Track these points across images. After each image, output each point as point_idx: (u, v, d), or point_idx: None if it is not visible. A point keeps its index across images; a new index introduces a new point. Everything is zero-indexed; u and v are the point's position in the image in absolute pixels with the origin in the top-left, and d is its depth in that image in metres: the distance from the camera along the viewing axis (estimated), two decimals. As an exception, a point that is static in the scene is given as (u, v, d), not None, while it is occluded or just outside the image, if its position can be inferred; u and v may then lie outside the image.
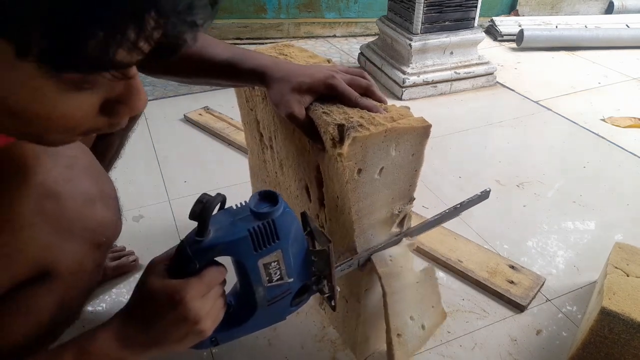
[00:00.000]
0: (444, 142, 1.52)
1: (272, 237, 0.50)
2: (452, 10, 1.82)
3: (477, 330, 0.87)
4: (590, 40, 2.40)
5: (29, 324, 0.50)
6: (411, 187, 0.67)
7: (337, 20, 2.62)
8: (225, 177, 1.29)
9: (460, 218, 1.16)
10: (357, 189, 0.60)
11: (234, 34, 2.46)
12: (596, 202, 1.24)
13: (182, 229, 1.11)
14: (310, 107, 0.62)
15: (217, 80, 0.70)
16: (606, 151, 1.49)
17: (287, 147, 0.77)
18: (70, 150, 0.51)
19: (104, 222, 0.52)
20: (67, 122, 0.39)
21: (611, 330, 0.72)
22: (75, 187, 0.50)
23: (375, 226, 0.67)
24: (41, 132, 0.39)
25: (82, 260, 0.51)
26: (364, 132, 0.56)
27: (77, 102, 0.38)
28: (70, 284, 0.51)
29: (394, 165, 0.62)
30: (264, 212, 0.50)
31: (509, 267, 0.99)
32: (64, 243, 0.49)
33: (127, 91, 0.41)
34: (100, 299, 0.92)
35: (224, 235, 0.49)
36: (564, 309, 0.92)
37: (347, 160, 0.56)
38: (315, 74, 0.63)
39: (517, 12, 2.92)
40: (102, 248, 0.53)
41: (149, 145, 1.46)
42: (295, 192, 0.82)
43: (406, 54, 1.84)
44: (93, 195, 0.51)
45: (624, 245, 0.86)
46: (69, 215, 0.49)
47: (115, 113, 0.41)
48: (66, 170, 0.50)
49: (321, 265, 0.56)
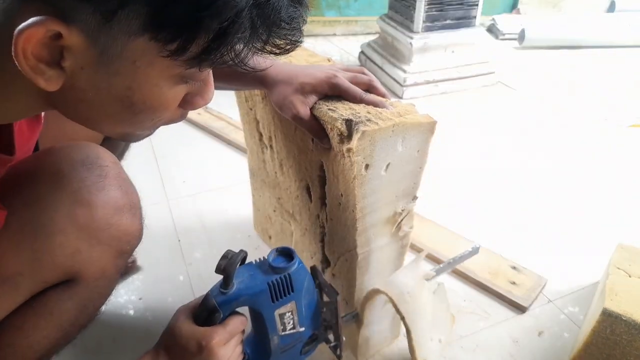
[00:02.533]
0: (445, 141, 1.51)
1: (288, 289, 0.56)
2: (454, 9, 1.82)
3: (479, 331, 0.86)
4: (592, 40, 2.39)
5: (50, 326, 0.53)
6: (415, 185, 0.66)
7: (337, 19, 2.61)
8: (224, 177, 1.28)
9: (461, 218, 1.15)
10: (364, 185, 0.60)
11: (234, 33, 2.45)
12: (598, 202, 1.23)
13: (180, 229, 1.10)
14: (314, 106, 0.62)
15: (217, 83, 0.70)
16: (608, 151, 1.49)
17: (288, 147, 0.76)
18: (103, 161, 0.54)
19: (130, 230, 0.54)
20: (162, 112, 0.43)
21: (613, 331, 0.72)
22: (107, 197, 0.52)
23: (377, 225, 0.67)
24: (139, 124, 0.44)
25: (106, 267, 0.53)
26: (372, 126, 0.56)
27: (175, 94, 0.42)
28: (92, 289, 0.54)
29: (400, 162, 0.61)
30: (281, 266, 0.56)
31: (511, 268, 0.98)
32: (92, 250, 0.51)
33: (203, 85, 0.45)
34: (98, 300, 0.92)
35: (246, 288, 0.54)
36: (566, 310, 0.91)
37: (355, 155, 0.56)
38: (316, 74, 0.62)
39: (519, 10, 2.91)
40: (124, 256, 0.56)
41: (147, 145, 1.46)
42: (295, 192, 0.81)
43: (407, 52, 1.83)
44: (122, 204, 0.53)
45: (627, 246, 0.86)
46: (99, 224, 0.51)
47: (191, 104, 0.45)
48: (99, 180, 0.52)
49: (328, 315, 0.61)
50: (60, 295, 0.52)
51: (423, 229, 1.08)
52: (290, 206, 0.86)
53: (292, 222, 0.89)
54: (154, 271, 0.99)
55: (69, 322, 0.54)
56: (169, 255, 1.03)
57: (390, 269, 0.75)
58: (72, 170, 0.51)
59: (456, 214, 1.17)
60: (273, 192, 0.91)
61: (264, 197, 0.98)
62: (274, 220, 0.97)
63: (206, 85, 0.46)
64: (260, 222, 1.05)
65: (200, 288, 0.94)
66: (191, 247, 1.05)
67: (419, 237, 1.05)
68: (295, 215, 0.86)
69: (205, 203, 1.19)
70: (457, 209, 1.19)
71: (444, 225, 1.11)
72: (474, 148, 1.49)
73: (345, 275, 0.74)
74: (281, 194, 0.88)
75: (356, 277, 0.70)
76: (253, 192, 1.03)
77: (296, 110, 0.61)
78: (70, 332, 0.55)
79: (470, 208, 1.19)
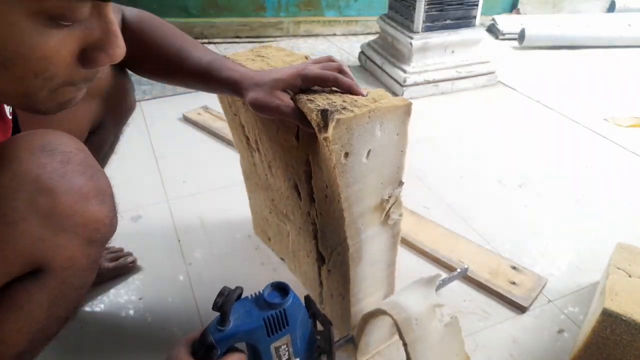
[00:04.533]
0: (445, 141, 1.51)
1: (283, 323, 0.58)
2: (454, 9, 1.81)
3: (479, 331, 0.86)
4: (592, 40, 2.39)
5: (21, 319, 0.51)
6: (399, 170, 0.67)
7: (337, 19, 2.61)
8: (224, 177, 1.28)
9: (461, 218, 1.15)
10: (345, 173, 0.60)
11: (234, 33, 2.45)
12: (598, 202, 1.23)
13: (180, 229, 1.10)
14: (295, 99, 0.63)
15: (192, 84, 0.71)
16: (608, 151, 1.49)
17: (273, 148, 0.77)
18: (65, 147, 0.51)
19: (99, 218, 0.52)
20: (46, 65, 0.39)
21: (613, 331, 0.72)
22: (70, 183, 0.49)
23: (365, 214, 0.67)
24: (24, 82, 0.40)
25: (74, 256, 0.51)
26: (347, 114, 0.56)
27: (55, 41, 0.39)
28: (63, 280, 0.52)
29: (380, 147, 0.62)
30: (276, 302, 0.57)
31: (511, 268, 0.98)
32: (56, 238, 0.49)
33: (105, 36, 0.41)
34: (98, 300, 0.92)
35: (243, 324, 0.56)
36: (566, 310, 0.91)
37: (333, 143, 0.57)
38: (286, 70, 0.64)
39: (519, 10, 2.91)
40: (96, 245, 0.53)
41: (147, 145, 1.46)
42: (285, 192, 0.82)
43: (407, 52, 1.83)
44: (88, 191, 0.51)
45: (626, 246, 0.86)
46: (63, 211, 0.49)
47: (93, 61, 0.42)
48: (61, 166, 0.49)
49: (322, 343, 0.63)
50: (29, 288, 0.50)
51: (423, 229, 1.09)
52: (283, 206, 0.86)
53: (287, 222, 0.89)
54: (154, 271, 0.99)
55: (44, 316, 0.52)
56: (169, 255, 1.03)
57: (383, 260, 0.75)
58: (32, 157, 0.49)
59: (456, 214, 1.17)
60: (266, 194, 0.92)
61: (259, 200, 0.98)
62: (270, 222, 0.97)
63: (109, 37, 0.42)
64: (258, 224, 1.05)
65: (201, 288, 0.94)
66: (191, 247, 1.05)
67: (419, 237, 1.05)
68: (288, 215, 0.86)
69: (206, 203, 1.19)
70: (457, 209, 1.19)
71: (444, 225, 1.11)
72: (473, 148, 1.49)
73: (339, 268, 0.74)
74: (274, 196, 0.88)
75: (349, 269, 0.70)
76: (249, 195, 1.03)
77: (277, 103, 0.61)
78: (47, 325, 0.53)
79: (470, 208, 1.19)
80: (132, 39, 0.69)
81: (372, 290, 0.77)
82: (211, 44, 2.38)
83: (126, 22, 0.69)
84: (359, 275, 0.73)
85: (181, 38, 0.70)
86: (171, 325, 0.87)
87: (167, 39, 0.70)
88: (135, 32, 0.69)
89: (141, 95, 1.77)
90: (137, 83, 1.97)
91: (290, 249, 0.93)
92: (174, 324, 0.87)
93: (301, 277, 0.94)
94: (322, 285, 0.84)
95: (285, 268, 0.99)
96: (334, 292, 0.81)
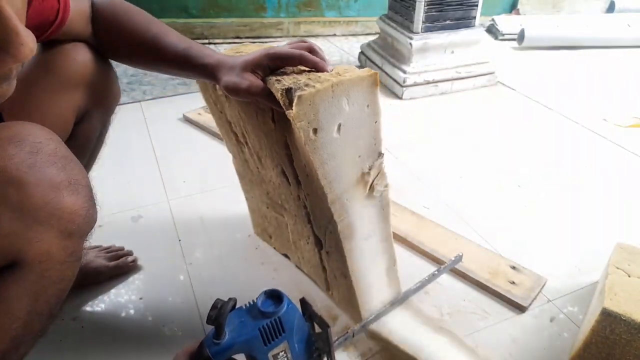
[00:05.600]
0: (445, 141, 1.52)
1: (279, 331, 0.58)
2: (453, 9, 1.82)
3: (478, 331, 0.86)
4: (592, 40, 2.40)
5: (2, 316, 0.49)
6: (376, 141, 0.67)
7: (337, 19, 2.61)
8: (224, 177, 1.28)
9: (461, 218, 1.16)
10: (318, 149, 0.61)
11: (234, 33, 2.46)
12: (597, 202, 1.23)
13: (181, 229, 1.10)
14: (265, 80, 0.63)
15: (170, 70, 0.72)
16: (607, 151, 1.49)
17: (258, 136, 0.77)
18: (35, 137, 0.50)
19: (72, 209, 0.50)
20: None
21: (612, 331, 0.72)
22: (40, 174, 0.48)
23: (349, 189, 0.67)
24: None
25: (50, 249, 0.50)
26: (309, 90, 0.57)
27: None
28: (41, 273, 0.50)
29: (351, 120, 0.62)
30: (270, 311, 0.57)
31: (510, 268, 0.99)
32: (29, 231, 0.48)
33: (5, 35, 0.38)
34: (99, 299, 0.92)
35: (238, 336, 0.56)
36: (565, 309, 0.92)
37: (298, 120, 0.57)
38: (255, 52, 0.65)
39: (518, 11, 2.91)
40: (73, 237, 0.52)
41: (147, 145, 1.46)
42: (276, 181, 0.82)
43: (407, 53, 1.83)
44: (59, 181, 0.49)
45: (626, 246, 0.86)
46: (34, 203, 0.47)
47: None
48: (29, 157, 0.48)
49: (321, 344, 0.63)
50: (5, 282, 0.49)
51: (423, 229, 1.09)
52: (277, 196, 0.86)
53: (284, 213, 0.89)
54: (154, 271, 0.99)
55: (24, 311, 0.51)
56: (170, 255, 1.03)
57: (377, 233, 0.75)
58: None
59: (456, 214, 1.17)
60: (261, 188, 0.92)
61: (255, 197, 0.99)
62: (269, 217, 0.98)
63: (9, 36, 0.38)
64: (258, 223, 1.05)
65: (201, 288, 0.94)
66: (191, 247, 1.05)
67: (418, 237, 1.06)
68: (283, 204, 0.86)
69: (206, 203, 1.19)
70: (456, 209, 1.19)
71: (444, 225, 1.11)
72: (473, 148, 1.50)
73: (336, 247, 0.74)
74: (268, 188, 0.89)
75: (343, 247, 0.71)
76: (245, 195, 1.03)
77: (247, 84, 0.62)
78: (29, 322, 0.52)
79: (470, 208, 1.20)
80: (106, 24, 0.70)
81: (372, 265, 0.78)
82: (211, 44, 2.38)
83: (97, 7, 0.70)
84: (355, 251, 0.73)
85: (156, 23, 0.71)
86: (171, 325, 0.87)
87: (142, 24, 0.70)
88: (108, 17, 0.70)
89: (141, 96, 1.77)
90: (137, 83, 1.98)
91: (291, 241, 0.93)
92: (175, 324, 0.87)
93: (306, 267, 0.94)
94: (325, 269, 0.85)
95: (286, 267, 1.00)
96: (336, 273, 0.81)
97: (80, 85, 0.71)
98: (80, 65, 0.70)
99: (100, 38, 0.71)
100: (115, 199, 1.20)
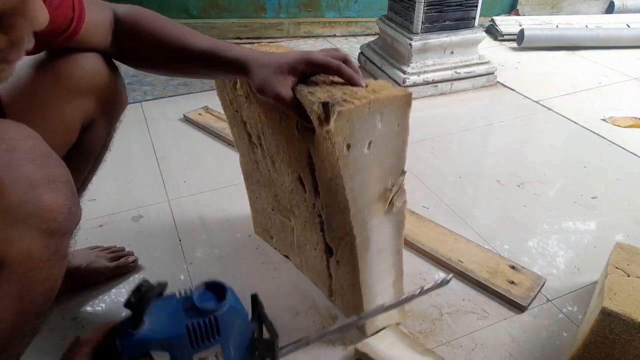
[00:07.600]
0: (445, 141, 1.52)
1: (212, 333, 0.46)
2: (453, 10, 1.82)
3: (478, 330, 0.87)
4: (591, 40, 2.39)
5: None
6: (401, 160, 0.67)
7: (337, 20, 2.61)
8: (224, 177, 1.29)
9: (461, 218, 1.16)
10: (349, 165, 0.61)
11: (234, 34, 2.46)
12: (597, 202, 1.23)
13: (181, 229, 1.10)
14: (295, 89, 0.63)
15: (197, 69, 0.71)
16: (607, 151, 1.49)
17: (277, 140, 0.77)
18: (11, 135, 0.49)
19: (52, 207, 0.49)
20: None
21: (612, 330, 0.72)
22: (16, 172, 0.47)
23: (370, 204, 0.67)
24: None
25: (31, 249, 0.48)
26: (348, 106, 0.57)
27: None
28: (24, 274, 0.49)
29: (382, 138, 0.63)
30: (207, 308, 0.46)
31: (510, 268, 0.99)
32: (6, 230, 0.46)
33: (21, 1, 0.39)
34: (99, 299, 0.92)
35: (159, 330, 0.45)
36: (565, 309, 0.92)
37: (335, 136, 0.57)
38: (292, 55, 0.65)
39: (518, 11, 2.91)
40: (55, 235, 0.51)
41: (148, 145, 1.46)
42: (289, 187, 0.82)
43: (406, 53, 1.83)
44: (37, 179, 0.48)
45: (625, 246, 0.86)
46: (11, 202, 0.46)
47: (12, 27, 0.40)
48: (5, 155, 0.47)
49: (264, 354, 0.53)
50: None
51: (422, 229, 1.09)
52: (287, 201, 0.86)
53: (291, 217, 0.89)
54: (154, 271, 0.99)
55: (10, 312, 0.49)
56: (170, 255, 1.03)
57: (390, 247, 0.75)
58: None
59: (455, 214, 1.17)
60: (269, 190, 0.92)
61: (260, 198, 0.99)
62: (273, 219, 0.98)
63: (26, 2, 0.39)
64: (260, 223, 1.06)
65: (201, 288, 0.95)
66: (192, 247, 1.05)
67: (418, 237, 1.06)
68: (293, 209, 0.86)
69: (206, 203, 1.20)
70: (456, 209, 1.19)
71: (443, 225, 1.11)
72: (472, 148, 1.50)
73: (348, 259, 0.74)
74: (277, 191, 0.89)
75: (358, 259, 0.71)
76: (249, 195, 1.03)
77: (277, 90, 0.62)
78: (17, 323, 0.50)
79: (469, 208, 1.20)
80: (129, 32, 0.69)
81: (382, 277, 0.78)
82: (211, 44, 2.38)
83: (119, 17, 0.69)
84: (368, 264, 0.73)
85: (179, 26, 0.71)
86: (172, 324, 0.87)
87: (164, 28, 0.70)
88: (130, 25, 0.69)
89: (142, 96, 1.77)
90: (137, 83, 1.98)
91: (295, 245, 0.93)
92: (175, 324, 0.87)
93: (308, 272, 0.95)
94: (331, 277, 0.85)
95: (286, 267, 1.00)
96: (344, 283, 0.81)
97: (87, 93, 0.70)
98: (88, 73, 0.69)
99: (123, 44, 0.71)
100: (116, 199, 1.20)
